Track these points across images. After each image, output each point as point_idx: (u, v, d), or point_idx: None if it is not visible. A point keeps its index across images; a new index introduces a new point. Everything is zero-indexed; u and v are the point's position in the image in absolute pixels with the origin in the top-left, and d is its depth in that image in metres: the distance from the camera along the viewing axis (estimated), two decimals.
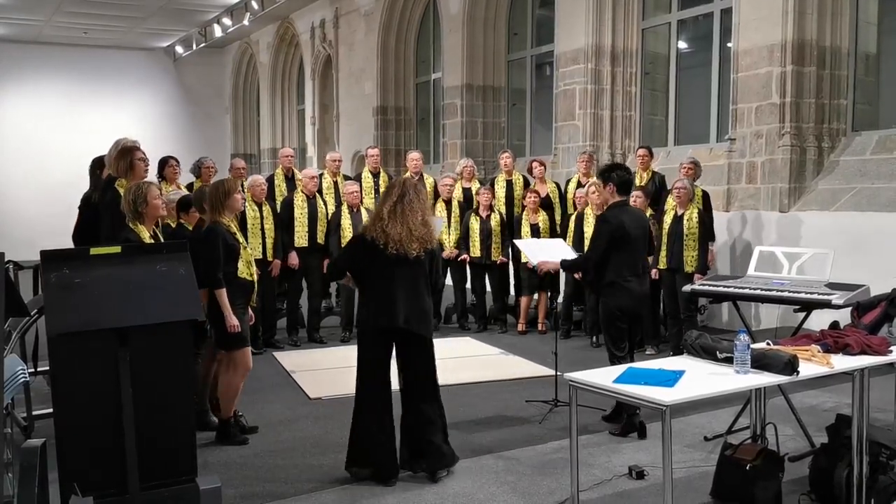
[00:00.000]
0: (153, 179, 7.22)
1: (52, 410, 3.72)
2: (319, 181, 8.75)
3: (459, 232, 8.93)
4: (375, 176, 9.29)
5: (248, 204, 7.68)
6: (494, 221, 8.82)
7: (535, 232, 8.58)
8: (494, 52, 13.40)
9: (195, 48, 19.64)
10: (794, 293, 5.00)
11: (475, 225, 8.82)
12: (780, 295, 5.07)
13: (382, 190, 6.74)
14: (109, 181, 5.51)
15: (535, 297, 8.95)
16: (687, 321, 7.46)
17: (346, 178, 9.19)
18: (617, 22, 10.65)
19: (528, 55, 13.12)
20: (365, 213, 8.03)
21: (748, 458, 4.08)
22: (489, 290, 9.14)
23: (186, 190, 7.57)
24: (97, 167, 6.25)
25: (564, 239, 8.06)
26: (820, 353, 3.89)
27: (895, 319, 4.55)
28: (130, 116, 20.20)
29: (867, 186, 8.13)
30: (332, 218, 8.37)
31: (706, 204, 7.89)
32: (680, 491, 4.21)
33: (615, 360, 5.30)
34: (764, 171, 8.66)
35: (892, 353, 4.05)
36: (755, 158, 8.75)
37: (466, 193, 9.28)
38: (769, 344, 4.07)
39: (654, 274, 7.34)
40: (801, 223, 8.36)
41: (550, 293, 8.85)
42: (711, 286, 5.56)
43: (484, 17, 13.22)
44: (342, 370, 7.06)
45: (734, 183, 9.01)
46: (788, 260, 5.42)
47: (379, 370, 4.63)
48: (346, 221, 8.19)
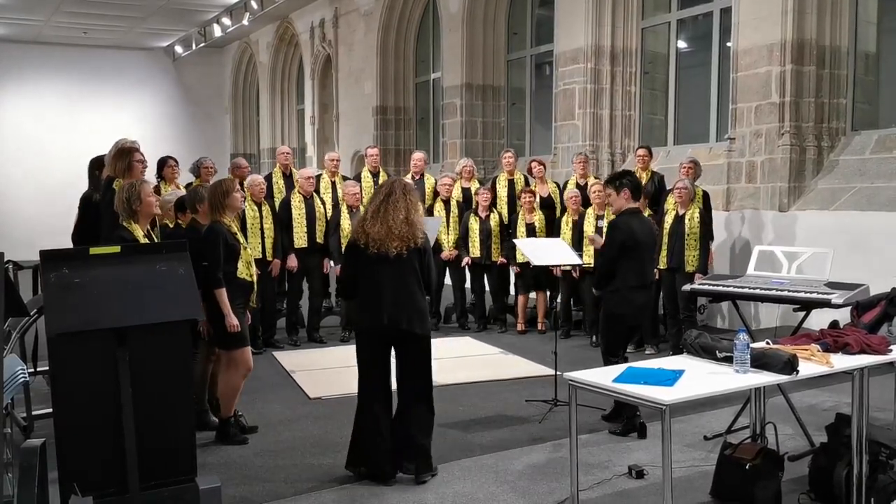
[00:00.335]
0: (152, 180, 7.25)
1: (51, 410, 3.72)
2: (318, 181, 8.77)
3: (458, 232, 8.93)
4: (375, 176, 9.28)
5: (247, 203, 7.68)
6: (494, 221, 8.82)
7: (530, 231, 8.59)
8: (494, 51, 13.40)
9: (195, 48, 19.63)
10: (793, 292, 5.00)
11: (475, 225, 8.81)
12: (779, 294, 5.06)
13: None
14: (109, 181, 5.52)
15: (532, 296, 8.94)
16: (686, 321, 7.46)
17: (344, 178, 9.18)
18: (616, 21, 10.65)
19: (527, 55, 13.12)
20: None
21: (748, 457, 4.09)
22: (488, 289, 9.14)
23: (185, 190, 7.56)
24: (96, 167, 6.27)
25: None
26: (819, 352, 3.89)
27: (895, 318, 4.55)
28: (130, 116, 20.21)
29: (867, 186, 8.12)
30: (331, 218, 8.38)
31: (706, 203, 7.89)
32: (680, 490, 4.21)
33: (609, 363, 5.29)
34: (763, 170, 8.66)
35: (891, 352, 4.05)
36: (755, 158, 8.75)
37: (465, 193, 9.27)
38: (769, 343, 4.07)
39: (654, 274, 7.34)
40: (800, 222, 8.35)
41: (550, 293, 8.85)
42: (711, 285, 5.56)
43: (483, 16, 13.22)
44: (342, 370, 7.07)
45: (734, 182, 9.01)
46: (788, 259, 5.42)
47: (373, 370, 4.63)
48: (345, 222, 8.18)
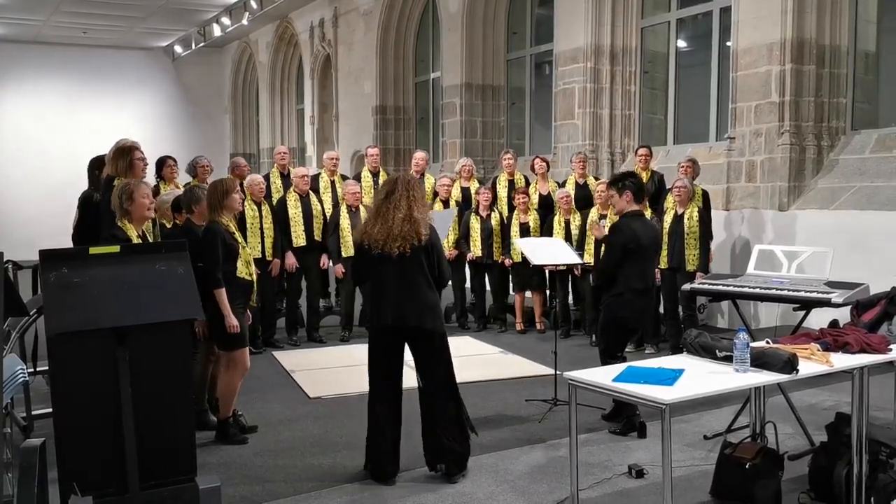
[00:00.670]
0: (152, 179, 7.25)
1: (51, 410, 3.72)
2: (317, 180, 8.76)
3: (459, 232, 8.92)
4: (375, 175, 9.27)
5: (247, 203, 7.68)
6: (495, 221, 8.81)
7: (524, 231, 8.59)
8: (494, 51, 13.40)
9: (194, 48, 19.62)
10: (793, 292, 5.00)
11: (475, 225, 8.81)
12: (779, 293, 5.06)
13: None
14: (109, 180, 5.51)
15: (528, 294, 8.93)
16: (686, 320, 7.46)
17: (343, 177, 9.18)
18: (616, 21, 10.65)
19: (527, 54, 13.11)
20: (364, 212, 8.03)
21: (748, 456, 4.08)
22: (488, 289, 9.13)
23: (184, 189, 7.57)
24: (95, 167, 6.26)
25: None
26: (819, 351, 3.89)
27: (895, 318, 4.55)
28: (130, 116, 20.21)
29: (866, 185, 8.12)
30: (331, 218, 8.37)
31: (706, 203, 7.89)
32: (679, 490, 4.21)
33: (607, 363, 5.29)
34: (763, 169, 8.66)
35: (891, 351, 4.05)
36: (754, 157, 8.75)
37: (465, 193, 9.27)
38: (768, 342, 4.07)
39: (656, 276, 7.35)
40: (800, 222, 8.35)
41: (550, 292, 8.83)
42: (711, 285, 5.56)
43: (483, 15, 13.22)
44: (342, 369, 7.07)
45: (733, 182, 9.00)
46: (788, 258, 5.42)
47: (380, 369, 4.62)
48: (345, 221, 8.19)
